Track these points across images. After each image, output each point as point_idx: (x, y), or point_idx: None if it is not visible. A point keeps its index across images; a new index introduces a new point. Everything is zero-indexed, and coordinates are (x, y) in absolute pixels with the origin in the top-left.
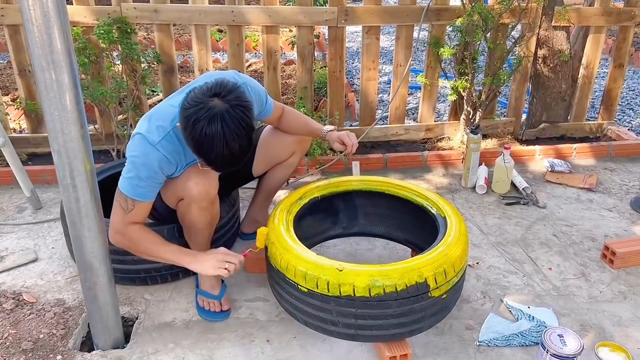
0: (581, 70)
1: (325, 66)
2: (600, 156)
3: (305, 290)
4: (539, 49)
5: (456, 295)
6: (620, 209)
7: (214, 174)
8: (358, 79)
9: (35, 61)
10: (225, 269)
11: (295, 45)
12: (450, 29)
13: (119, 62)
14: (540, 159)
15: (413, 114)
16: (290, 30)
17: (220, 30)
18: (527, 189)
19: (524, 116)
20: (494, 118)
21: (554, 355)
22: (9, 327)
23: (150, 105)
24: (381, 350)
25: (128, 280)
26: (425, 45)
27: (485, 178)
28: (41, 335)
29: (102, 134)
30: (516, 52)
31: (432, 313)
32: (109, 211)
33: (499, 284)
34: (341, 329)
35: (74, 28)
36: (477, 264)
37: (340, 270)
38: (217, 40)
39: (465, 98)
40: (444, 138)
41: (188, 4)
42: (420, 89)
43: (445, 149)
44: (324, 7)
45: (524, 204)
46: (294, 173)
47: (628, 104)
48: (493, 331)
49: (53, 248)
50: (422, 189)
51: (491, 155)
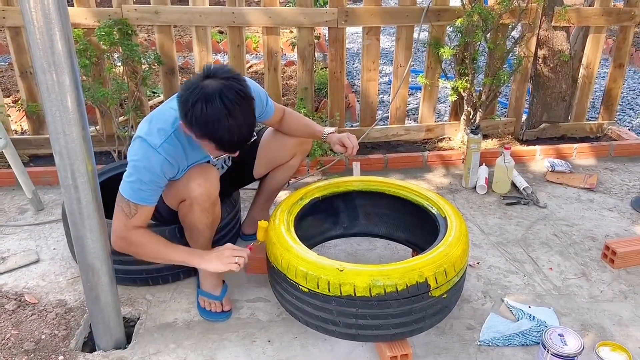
0: (581, 71)
1: (325, 67)
2: (600, 156)
3: (306, 290)
4: (539, 49)
5: (457, 295)
6: (620, 209)
7: (215, 175)
8: (359, 79)
9: (36, 63)
10: (235, 263)
11: (295, 46)
12: (450, 29)
13: (119, 64)
14: (540, 159)
15: (413, 115)
16: (291, 32)
17: (221, 32)
18: (528, 189)
19: (524, 116)
20: (494, 118)
21: (554, 354)
22: (11, 328)
23: (151, 107)
24: (382, 350)
25: (129, 281)
26: (425, 45)
27: (486, 178)
28: (43, 336)
29: (103, 135)
30: (516, 53)
31: (433, 313)
32: (110, 212)
33: (499, 284)
34: (342, 329)
35: (75, 30)
36: (478, 263)
37: (341, 270)
38: (218, 42)
39: (465, 98)
40: (444, 138)
41: (189, 5)
42: (420, 89)
43: (446, 150)
44: (324, 8)
45: (524, 204)
46: (294, 174)
47: (628, 104)
48: (494, 331)
49: (55, 249)
50: (423, 189)
51: (492, 155)
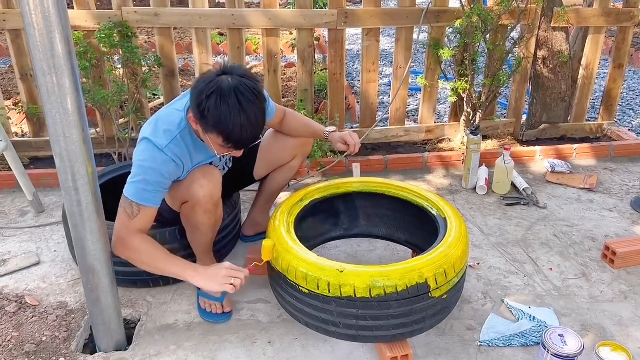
0: (581, 71)
1: (325, 68)
2: (600, 156)
3: (306, 291)
4: (538, 50)
5: (456, 295)
6: (620, 209)
7: (217, 176)
8: (358, 80)
9: (36, 65)
10: (230, 284)
11: (295, 48)
12: (449, 30)
13: (119, 66)
14: (540, 159)
15: (413, 116)
16: (291, 33)
17: (220, 34)
18: (528, 189)
19: (524, 117)
20: (494, 119)
21: (554, 354)
22: (11, 330)
23: (151, 108)
24: (382, 351)
25: (130, 283)
26: (424, 46)
27: (486, 179)
28: (44, 338)
29: (104, 137)
30: (515, 53)
31: (433, 313)
32: (111, 214)
33: (499, 284)
34: (342, 330)
35: (75, 32)
36: (478, 264)
37: (341, 271)
38: (218, 43)
39: (465, 99)
40: (444, 139)
41: (188, 7)
42: (420, 90)
43: (446, 150)
44: (324, 10)
45: (524, 205)
46: (295, 175)
47: (628, 104)
48: (494, 331)
49: (55, 251)
50: (422, 190)
51: (491, 156)
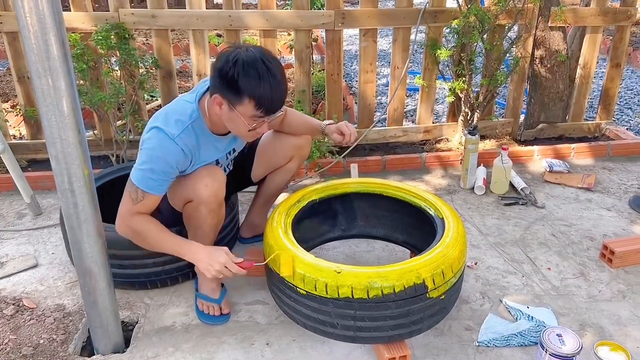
0: (578, 70)
1: (323, 69)
2: (598, 156)
3: (304, 292)
4: (536, 50)
5: (454, 296)
6: (618, 208)
7: (222, 176)
8: (357, 81)
9: (32, 67)
10: (217, 272)
11: (293, 49)
12: (447, 30)
13: (117, 68)
14: (538, 159)
15: (412, 116)
16: (289, 34)
17: (219, 35)
18: (526, 189)
19: (522, 117)
20: (492, 119)
21: (552, 354)
22: (9, 333)
23: (149, 110)
24: (380, 352)
25: (128, 285)
26: (422, 47)
27: (484, 179)
28: (41, 341)
29: (101, 140)
30: (513, 53)
31: (431, 314)
32: (108, 216)
33: (498, 285)
34: (340, 331)
35: (72, 34)
36: (476, 264)
37: (338, 272)
38: (216, 45)
39: (463, 99)
40: (442, 139)
41: (186, 9)
42: (418, 90)
43: (444, 151)
44: (321, 11)
45: (522, 204)
46: (292, 177)
47: (626, 103)
48: (492, 331)
49: (53, 254)
50: (420, 190)
51: (490, 156)
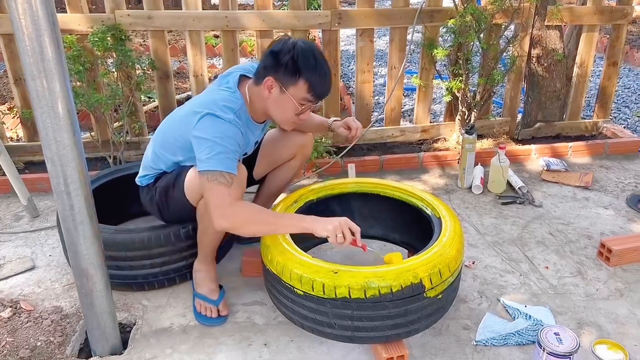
0: (575, 69)
1: None
2: (596, 154)
3: (301, 293)
4: (532, 49)
5: (452, 295)
6: (616, 207)
7: (244, 173)
8: (354, 81)
9: (26, 69)
10: (341, 237)
11: None
12: (443, 30)
13: (114, 69)
14: (536, 158)
15: (409, 116)
16: (286, 35)
17: (216, 36)
18: (523, 188)
19: (519, 116)
20: (489, 118)
21: (550, 353)
22: (6, 335)
23: (146, 112)
24: (378, 352)
25: (125, 286)
26: (419, 46)
27: (482, 178)
28: (39, 343)
29: (99, 141)
30: (510, 52)
31: (428, 314)
32: (107, 217)
33: (495, 284)
34: (338, 331)
35: (69, 36)
36: (474, 263)
37: (335, 273)
38: (214, 46)
39: (460, 99)
40: (439, 139)
41: (182, 10)
42: (415, 90)
43: (441, 150)
44: (318, 11)
45: (520, 203)
46: (293, 176)
47: (624, 101)
48: (490, 330)
49: (50, 256)
50: (417, 190)
51: (487, 155)
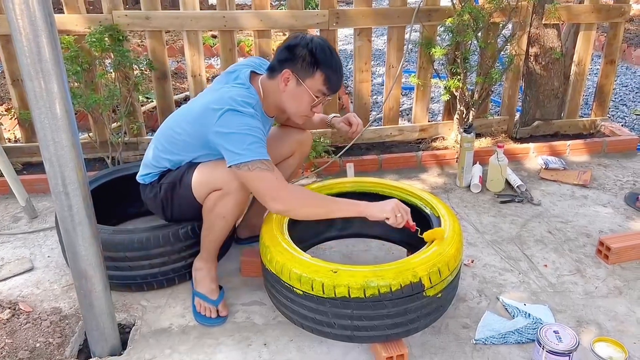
0: (573, 68)
1: None
2: (594, 152)
3: (301, 292)
4: (530, 47)
5: (451, 294)
6: (614, 205)
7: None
8: (352, 81)
9: (24, 70)
10: (400, 216)
11: None
12: (441, 29)
13: (111, 70)
14: (534, 156)
15: (407, 115)
16: (284, 34)
17: (214, 36)
18: (522, 186)
19: (517, 114)
20: (487, 117)
21: (550, 351)
22: (5, 337)
23: (144, 112)
24: (378, 351)
25: (124, 287)
26: (417, 46)
27: (480, 177)
28: (38, 344)
29: (97, 142)
30: (508, 51)
31: (428, 312)
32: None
33: (494, 282)
34: (337, 331)
35: (66, 37)
36: (473, 262)
37: (335, 272)
38: (212, 46)
39: (458, 98)
40: (438, 138)
41: (180, 10)
42: (413, 89)
43: (440, 149)
44: (315, 11)
45: (518, 202)
46: (290, 177)
47: (621, 99)
48: (489, 329)
49: (49, 257)
50: (416, 189)
51: (485, 154)
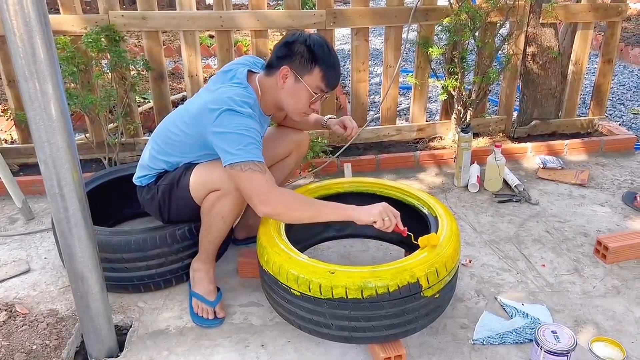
0: (570, 67)
1: None
2: (591, 152)
3: (298, 293)
4: (527, 47)
5: (449, 294)
6: (612, 204)
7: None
8: (349, 80)
9: (18, 71)
10: (386, 220)
11: None
12: (438, 28)
13: (108, 70)
14: (532, 156)
15: (405, 115)
16: (281, 34)
17: (211, 36)
18: (520, 186)
19: (515, 114)
20: (485, 116)
21: (547, 351)
22: (1, 339)
23: (141, 113)
24: (376, 352)
25: (121, 288)
26: (414, 45)
27: (478, 176)
28: (34, 347)
29: (93, 143)
30: (505, 50)
31: (425, 313)
32: (100, 219)
33: (492, 282)
34: (335, 332)
35: (62, 37)
36: (471, 262)
37: (332, 273)
38: (209, 46)
39: (455, 97)
40: (436, 138)
41: (176, 10)
42: (411, 89)
43: (438, 149)
44: (312, 11)
45: (516, 202)
46: (288, 178)
47: (619, 99)
48: (487, 329)
49: (46, 258)
50: (413, 189)
51: (483, 153)
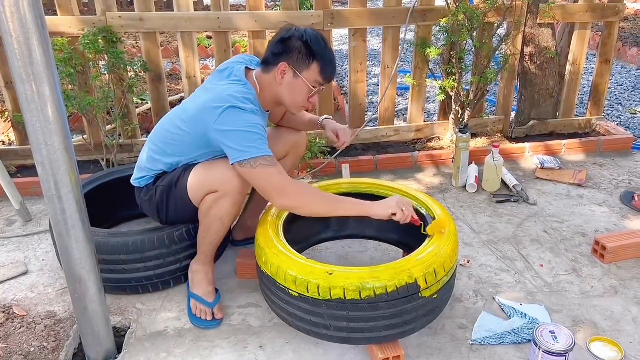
0: (568, 67)
1: None
2: (589, 151)
3: (296, 294)
4: (525, 47)
5: (447, 294)
6: (610, 204)
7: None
8: (347, 81)
9: (15, 73)
10: (402, 212)
11: None
12: (436, 29)
13: (105, 72)
14: (529, 156)
15: (403, 115)
16: None
17: (209, 37)
18: (517, 186)
19: (512, 114)
20: (482, 116)
21: (545, 351)
22: None
23: (139, 114)
24: (374, 352)
25: (119, 290)
26: (412, 46)
27: (476, 177)
28: (32, 349)
29: (91, 144)
30: (502, 50)
31: (424, 313)
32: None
33: (490, 282)
34: (333, 332)
35: (59, 38)
36: (469, 262)
37: (330, 274)
38: (206, 47)
39: (453, 97)
40: (433, 138)
41: (173, 11)
42: (408, 89)
43: (435, 149)
44: (310, 11)
45: (514, 201)
46: None
47: (616, 98)
48: (485, 329)
49: (43, 260)
50: (411, 189)
51: (481, 153)
